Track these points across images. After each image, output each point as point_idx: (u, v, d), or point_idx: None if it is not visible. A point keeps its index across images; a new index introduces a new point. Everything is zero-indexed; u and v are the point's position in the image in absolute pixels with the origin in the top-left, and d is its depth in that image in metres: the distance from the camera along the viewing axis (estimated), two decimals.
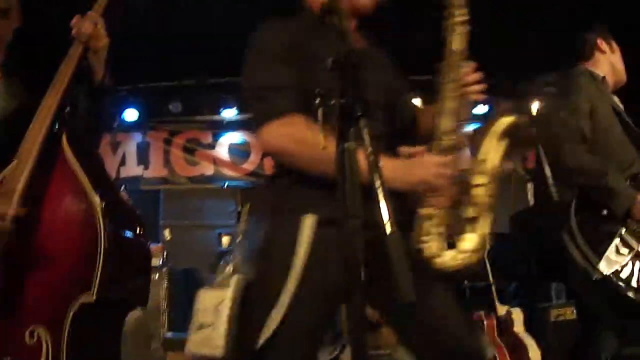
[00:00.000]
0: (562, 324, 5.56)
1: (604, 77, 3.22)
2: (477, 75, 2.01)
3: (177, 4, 5.00)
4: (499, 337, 5.70)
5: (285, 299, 1.87)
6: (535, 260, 6.32)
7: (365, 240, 1.33)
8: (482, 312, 6.02)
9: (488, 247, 6.08)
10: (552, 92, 3.34)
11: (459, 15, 1.98)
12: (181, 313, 6.19)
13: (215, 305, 1.99)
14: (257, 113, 2.02)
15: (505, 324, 5.75)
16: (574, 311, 5.25)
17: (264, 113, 1.98)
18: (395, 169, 1.89)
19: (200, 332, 2.00)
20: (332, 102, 1.40)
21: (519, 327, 5.72)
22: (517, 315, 5.85)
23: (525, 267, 6.78)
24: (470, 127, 2.07)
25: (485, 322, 5.82)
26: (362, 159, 1.34)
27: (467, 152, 1.99)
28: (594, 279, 2.67)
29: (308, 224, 1.92)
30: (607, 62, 3.27)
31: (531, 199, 7.96)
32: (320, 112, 1.54)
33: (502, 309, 5.93)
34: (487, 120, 1.92)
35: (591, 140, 2.96)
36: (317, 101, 1.52)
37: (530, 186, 8.18)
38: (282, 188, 2.07)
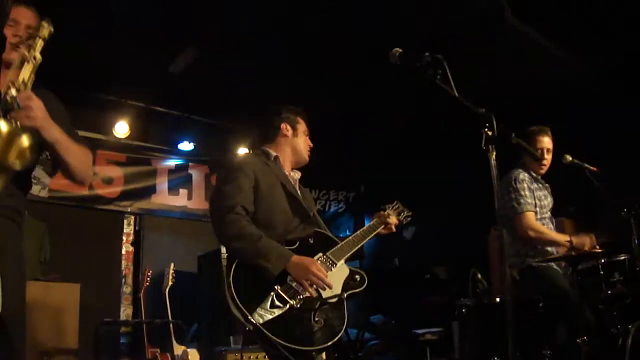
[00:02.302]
0: None
1: (276, 156, 3.53)
2: None
3: None
4: None
5: None
6: (217, 302, 6.37)
7: None
8: (157, 350, 5.92)
9: (170, 283, 6.02)
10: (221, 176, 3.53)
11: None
12: None
13: None
14: None
15: None
16: (252, 357, 5.41)
17: None
18: None
19: None
20: None
21: None
22: (194, 356, 5.85)
23: (207, 308, 6.83)
24: None
25: None
26: None
27: None
28: (247, 329, 2.83)
29: None
30: (288, 145, 3.60)
31: None
32: None
33: (179, 349, 5.88)
34: None
35: (254, 211, 3.23)
36: None
37: None
38: None
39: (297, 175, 3.63)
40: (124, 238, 7.77)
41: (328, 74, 6.28)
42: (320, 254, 3.23)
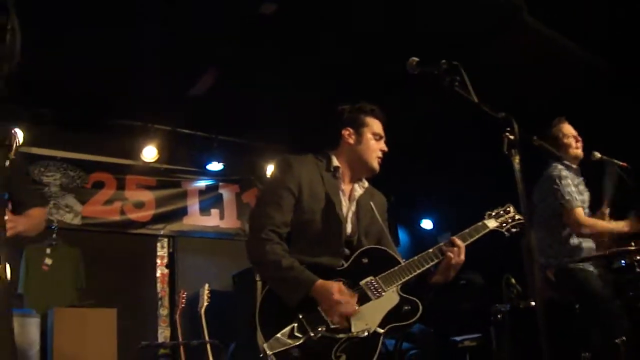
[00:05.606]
0: None
1: (337, 167, 3.19)
2: None
3: None
4: None
5: None
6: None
7: None
8: None
9: (206, 303, 6.02)
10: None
11: None
12: None
13: None
14: None
15: None
16: None
17: None
18: None
19: None
20: None
21: None
22: None
23: (244, 327, 6.81)
24: None
25: None
26: None
27: None
28: (260, 356, 2.64)
29: None
30: (350, 152, 3.23)
31: None
32: None
33: None
34: None
35: (294, 228, 3.02)
36: None
37: None
38: None
39: (359, 191, 3.25)
40: (158, 261, 7.81)
41: (355, 87, 6.26)
42: (371, 278, 2.92)
